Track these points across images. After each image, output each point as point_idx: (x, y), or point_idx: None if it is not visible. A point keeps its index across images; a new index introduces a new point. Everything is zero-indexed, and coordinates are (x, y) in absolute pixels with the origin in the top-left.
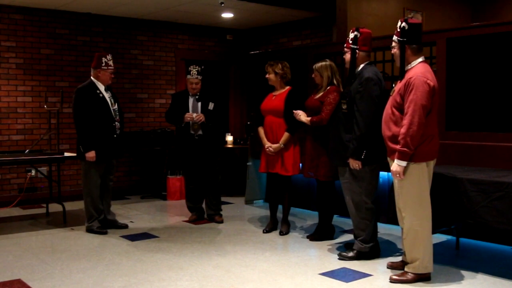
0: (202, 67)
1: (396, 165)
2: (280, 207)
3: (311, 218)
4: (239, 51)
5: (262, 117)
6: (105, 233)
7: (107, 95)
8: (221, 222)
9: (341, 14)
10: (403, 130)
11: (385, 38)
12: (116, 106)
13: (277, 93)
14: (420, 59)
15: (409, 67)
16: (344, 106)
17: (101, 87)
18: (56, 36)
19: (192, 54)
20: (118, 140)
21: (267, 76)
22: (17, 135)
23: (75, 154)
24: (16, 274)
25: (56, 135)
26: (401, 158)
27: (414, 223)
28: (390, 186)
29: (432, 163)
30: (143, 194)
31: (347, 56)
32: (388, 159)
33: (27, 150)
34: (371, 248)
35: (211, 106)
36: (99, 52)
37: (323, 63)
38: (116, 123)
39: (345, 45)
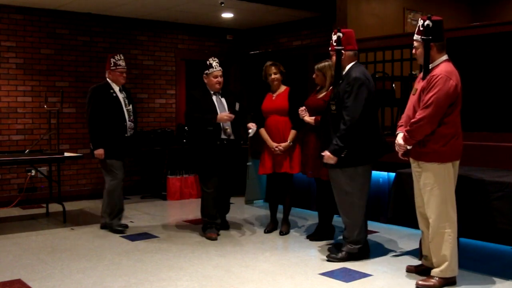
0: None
1: (402, 142)
2: (280, 207)
3: (311, 218)
4: (239, 51)
5: (262, 118)
6: (126, 227)
7: (121, 96)
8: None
9: (341, 14)
10: (417, 116)
11: (385, 38)
12: (130, 107)
13: (277, 93)
14: (444, 57)
15: (434, 65)
16: (333, 107)
17: (116, 88)
18: (56, 36)
19: (192, 54)
20: (130, 140)
21: (274, 76)
22: (17, 135)
23: (75, 154)
24: (16, 274)
25: (56, 135)
26: (404, 140)
27: (441, 225)
28: (391, 186)
29: (457, 163)
30: (143, 194)
31: (333, 58)
32: (411, 159)
33: (27, 150)
34: (359, 249)
35: (237, 107)
36: (110, 53)
37: (326, 63)
38: (129, 123)
39: (329, 48)
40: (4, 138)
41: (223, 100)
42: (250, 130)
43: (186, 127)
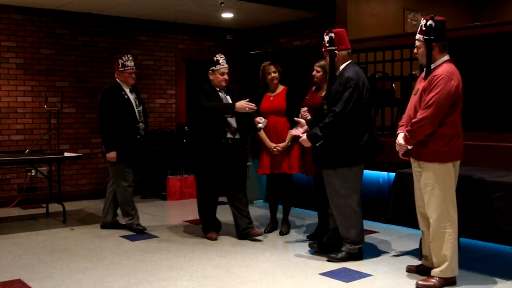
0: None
1: (402, 142)
2: (280, 207)
3: (311, 218)
4: (239, 51)
5: None
6: (144, 229)
7: (131, 97)
8: (261, 234)
9: (341, 14)
10: (418, 116)
11: (385, 38)
12: (140, 108)
13: (275, 92)
14: (446, 58)
15: (436, 65)
16: (325, 107)
17: (126, 89)
18: (56, 36)
19: (192, 54)
20: (142, 141)
21: (273, 75)
22: (17, 135)
23: (75, 154)
24: (16, 274)
25: (56, 135)
26: (405, 140)
27: (441, 225)
28: (391, 186)
29: (457, 163)
30: (143, 194)
31: (327, 59)
32: (411, 159)
33: (27, 150)
34: (360, 249)
35: None
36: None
37: None
38: (140, 124)
39: (322, 49)
40: (4, 138)
41: (228, 97)
42: (260, 124)
43: (186, 127)
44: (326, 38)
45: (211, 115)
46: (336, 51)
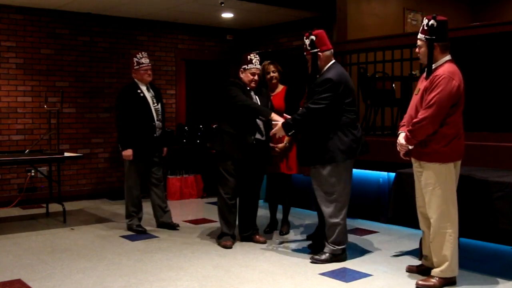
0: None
1: (403, 141)
2: (280, 207)
3: (311, 218)
4: (239, 51)
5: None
6: (144, 232)
7: (148, 94)
8: (264, 243)
9: (341, 14)
10: (419, 115)
11: (385, 38)
12: (158, 106)
13: (274, 92)
14: (447, 57)
15: (437, 65)
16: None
17: (143, 87)
18: (56, 36)
19: (192, 54)
20: (158, 139)
21: (272, 74)
22: (17, 135)
23: (75, 154)
24: (16, 274)
25: (56, 135)
26: (406, 140)
27: (442, 225)
28: (391, 186)
29: (458, 163)
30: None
31: (310, 62)
32: (412, 159)
33: (27, 150)
34: (343, 250)
35: (269, 106)
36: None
37: None
38: (157, 122)
39: (305, 53)
40: (4, 138)
41: (257, 97)
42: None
43: (186, 127)
44: (307, 41)
45: (244, 111)
46: (319, 53)
